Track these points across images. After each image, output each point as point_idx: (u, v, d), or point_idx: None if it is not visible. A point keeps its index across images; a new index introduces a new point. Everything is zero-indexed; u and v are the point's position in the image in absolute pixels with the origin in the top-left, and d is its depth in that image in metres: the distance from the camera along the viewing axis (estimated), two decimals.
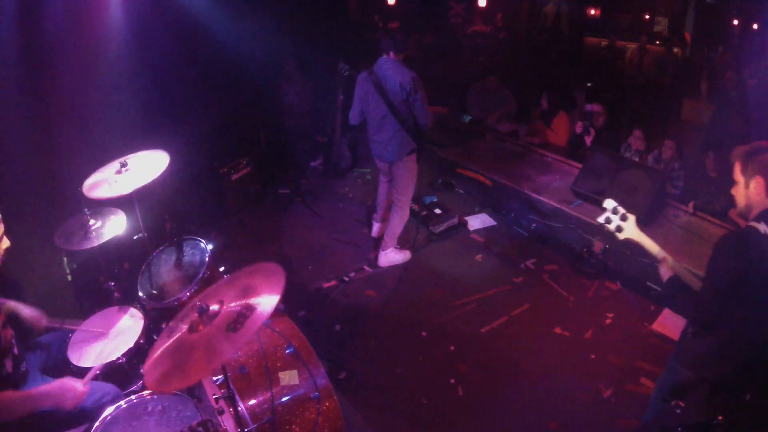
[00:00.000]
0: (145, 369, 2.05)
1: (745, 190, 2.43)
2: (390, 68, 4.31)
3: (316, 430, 2.52)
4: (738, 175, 2.45)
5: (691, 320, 2.56)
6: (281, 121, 6.88)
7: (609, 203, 2.70)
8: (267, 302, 2.00)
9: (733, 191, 2.50)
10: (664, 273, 2.63)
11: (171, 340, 2.07)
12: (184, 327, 2.09)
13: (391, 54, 4.35)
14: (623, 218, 2.67)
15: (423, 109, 4.35)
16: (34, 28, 4.20)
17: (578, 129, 6.31)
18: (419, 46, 10.16)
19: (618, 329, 4.21)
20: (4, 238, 2.50)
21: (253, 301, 2.03)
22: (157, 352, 2.07)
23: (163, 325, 2.24)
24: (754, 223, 2.39)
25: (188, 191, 5.44)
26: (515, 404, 3.58)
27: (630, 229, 2.67)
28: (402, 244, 5.04)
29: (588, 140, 6.18)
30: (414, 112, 4.36)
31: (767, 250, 2.32)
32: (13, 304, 2.68)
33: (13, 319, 2.67)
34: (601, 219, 2.71)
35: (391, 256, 4.94)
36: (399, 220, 4.81)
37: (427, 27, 10.78)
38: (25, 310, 2.77)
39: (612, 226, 2.68)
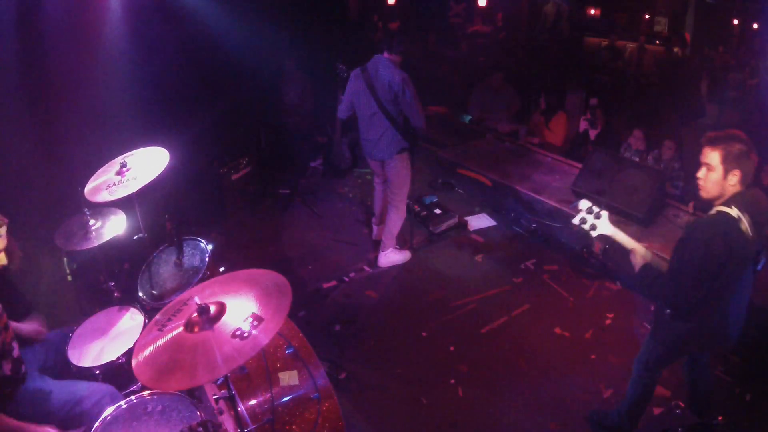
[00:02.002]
0: (136, 364, 1.95)
1: (723, 180, 2.47)
2: (382, 67, 4.29)
3: (316, 431, 2.52)
4: (716, 162, 2.46)
5: (672, 306, 2.62)
6: (281, 121, 6.87)
7: (583, 204, 2.77)
8: (274, 315, 1.96)
9: (703, 176, 2.51)
10: (636, 262, 2.69)
11: (165, 336, 2.01)
12: (179, 323, 2.03)
13: (386, 53, 4.34)
14: (597, 216, 2.75)
15: (414, 111, 4.32)
16: (33, 27, 4.20)
17: (583, 124, 6.29)
18: (424, 47, 10.17)
19: (618, 329, 4.21)
20: (2, 253, 2.50)
21: (259, 311, 1.99)
22: (150, 346, 2.00)
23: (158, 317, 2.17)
24: (724, 208, 2.44)
25: (188, 191, 5.43)
26: (515, 404, 3.57)
27: (603, 226, 2.75)
28: (402, 244, 5.04)
29: (593, 134, 6.15)
30: (405, 114, 4.36)
31: (740, 233, 2.40)
32: (14, 325, 2.63)
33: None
34: (575, 220, 2.79)
35: (390, 257, 4.94)
36: (396, 220, 4.80)
37: (428, 27, 10.78)
38: (24, 329, 2.74)
39: (587, 226, 2.76)
